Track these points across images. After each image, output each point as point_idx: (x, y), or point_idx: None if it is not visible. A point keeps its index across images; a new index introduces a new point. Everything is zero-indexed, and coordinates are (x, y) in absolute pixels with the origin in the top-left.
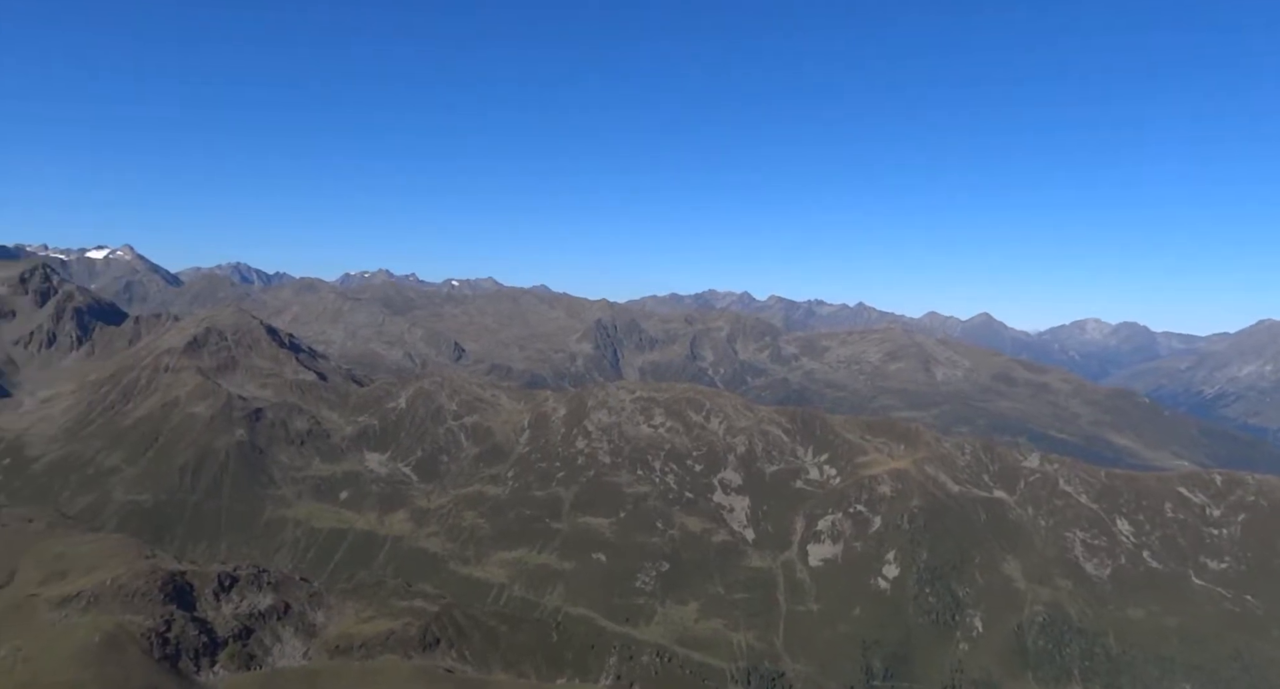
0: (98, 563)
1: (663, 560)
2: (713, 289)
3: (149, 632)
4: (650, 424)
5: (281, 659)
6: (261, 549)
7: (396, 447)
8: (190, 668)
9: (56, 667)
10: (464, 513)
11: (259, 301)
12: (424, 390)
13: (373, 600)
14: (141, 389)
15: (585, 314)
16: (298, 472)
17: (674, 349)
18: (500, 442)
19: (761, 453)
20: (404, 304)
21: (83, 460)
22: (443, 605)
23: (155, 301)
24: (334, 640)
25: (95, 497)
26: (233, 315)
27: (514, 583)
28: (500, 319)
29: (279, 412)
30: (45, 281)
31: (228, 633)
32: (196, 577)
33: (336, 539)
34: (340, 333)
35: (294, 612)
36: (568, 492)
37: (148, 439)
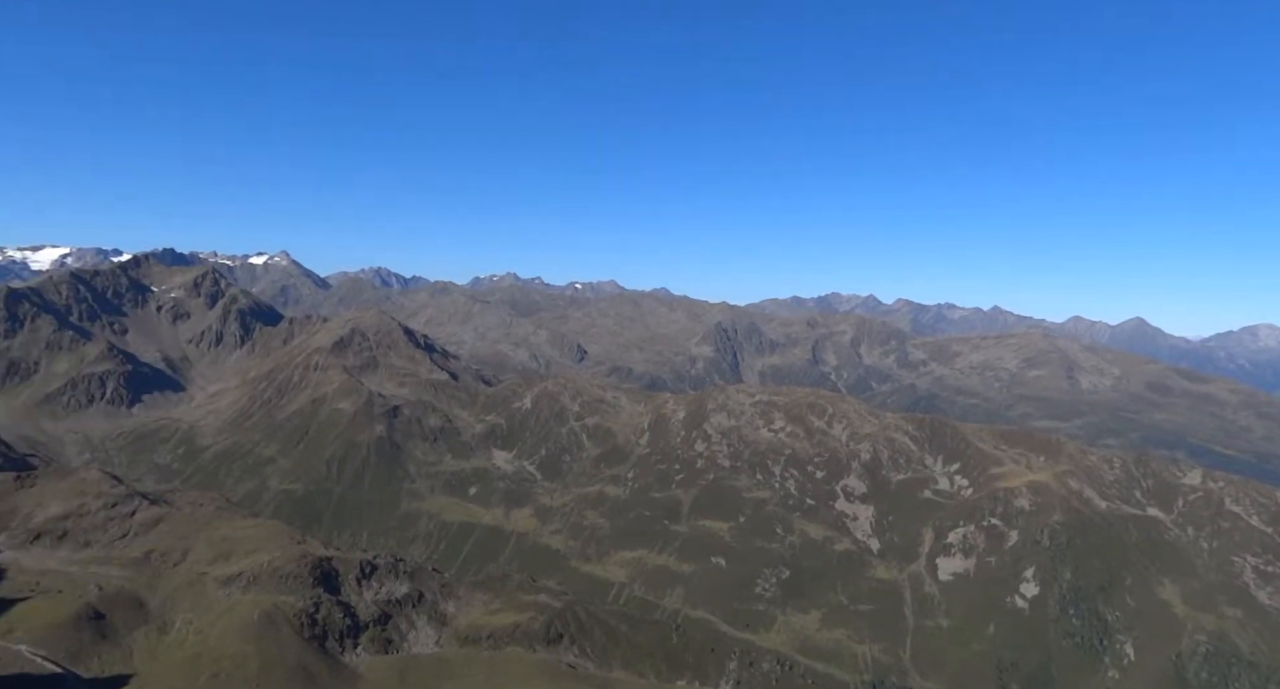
0: (257, 546)
1: (783, 567)
2: (836, 292)
3: (300, 612)
4: (770, 428)
5: (416, 645)
6: (398, 539)
7: (522, 445)
8: (336, 648)
9: (222, 640)
10: (585, 512)
11: (397, 304)
12: (548, 391)
13: (499, 593)
14: (294, 386)
15: (705, 317)
16: (430, 467)
17: (795, 353)
18: (621, 443)
19: (887, 461)
20: (530, 306)
21: (244, 450)
22: (565, 602)
23: (307, 304)
24: (464, 630)
25: (254, 484)
26: (374, 317)
27: (634, 583)
28: (621, 321)
29: (414, 409)
30: (214, 286)
31: (368, 617)
32: (341, 563)
33: (465, 533)
34: (470, 334)
35: (427, 600)
36: (687, 494)
37: (299, 432)
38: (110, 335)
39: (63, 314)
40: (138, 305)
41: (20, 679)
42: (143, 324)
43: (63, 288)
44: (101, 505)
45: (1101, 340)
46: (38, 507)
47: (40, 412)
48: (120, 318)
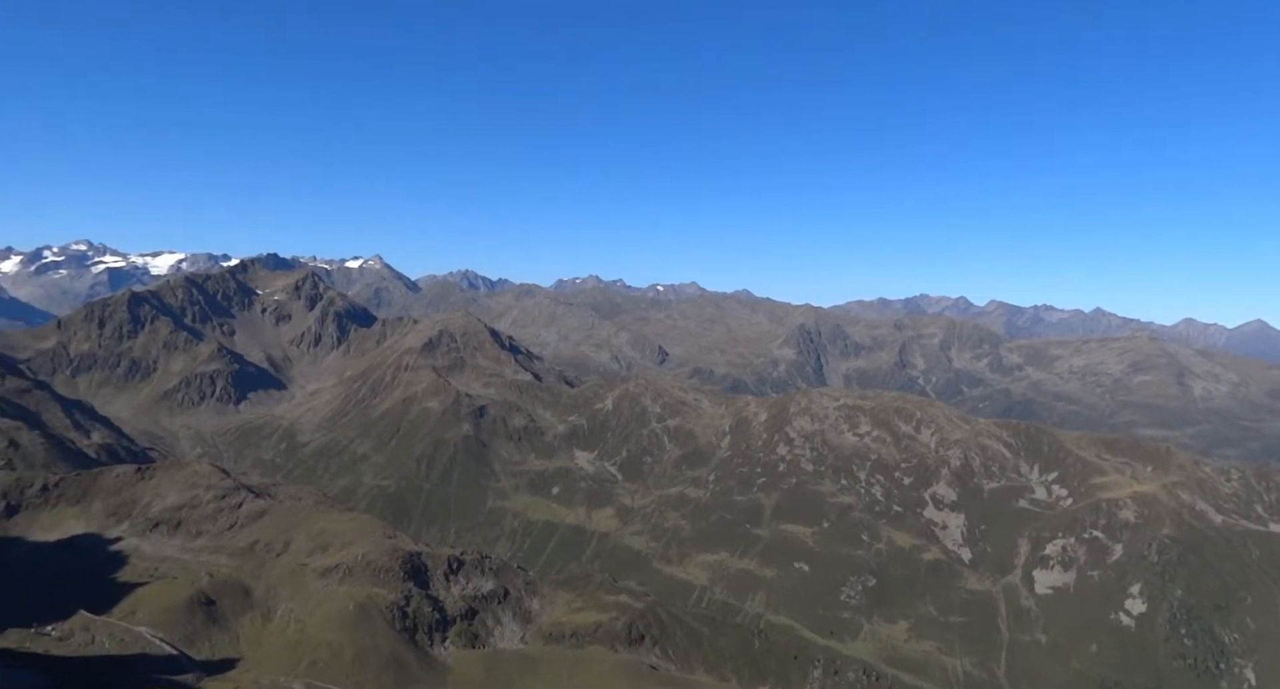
0: (352, 539)
1: (869, 575)
2: (925, 293)
3: (392, 605)
4: (855, 433)
5: (502, 641)
6: (484, 536)
7: (603, 446)
8: (425, 641)
9: (320, 629)
10: (667, 513)
11: (484, 306)
12: (629, 393)
13: (582, 592)
14: (386, 385)
15: (788, 319)
16: (515, 466)
17: (881, 356)
18: (702, 445)
19: (979, 468)
20: (611, 308)
21: (340, 447)
22: (647, 602)
23: (399, 306)
24: (547, 628)
25: (349, 480)
26: (461, 319)
27: (715, 586)
28: (702, 323)
29: (500, 409)
30: (314, 289)
31: (456, 612)
32: (430, 558)
33: (549, 531)
34: (554, 335)
35: (512, 597)
36: (769, 498)
37: (391, 430)
38: (220, 336)
39: (178, 316)
40: (244, 307)
41: (140, 659)
42: (249, 325)
43: (178, 291)
44: (212, 497)
45: (1217, 344)
46: (156, 497)
47: (158, 408)
48: (229, 319)
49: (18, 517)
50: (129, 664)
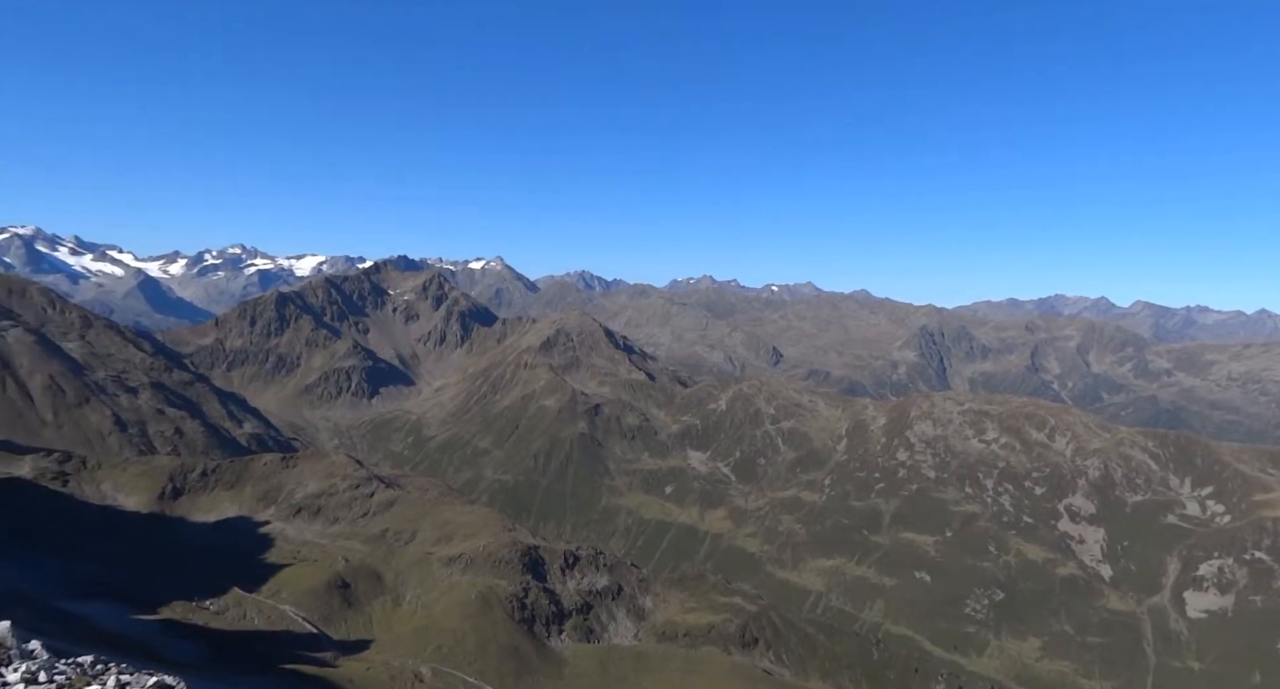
0: (474, 531)
1: (996, 588)
2: (1060, 293)
3: (511, 596)
4: (981, 439)
5: (616, 636)
6: (598, 532)
7: (716, 447)
8: (543, 633)
9: (445, 616)
10: (781, 517)
11: (599, 306)
12: (743, 393)
13: (695, 593)
14: (506, 382)
15: (909, 320)
16: (629, 464)
17: (1010, 359)
18: (817, 448)
19: (1121, 480)
20: (725, 309)
21: (463, 442)
22: (761, 606)
23: (518, 306)
24: (661, 626)
25: (471, 473)
26: (578, 319)
27: (831, 592)
28: (818, 324)
29: (614, 408)
30: (440, 289)
31: (572, 606)
32: (547, 552)
33: (661, 530)
34: (667, 335)
35: (626, 594)
36: (888, 504)
37: (510, 426)
38: (355, 334)
39: (319, 315)
40: (377, 307)
41: (285, 635)
42: (381, 324)
43: (319, 292)
44: (347, 486)
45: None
46: (298, 485)
47: (301, 401)
48: (363, 318)
49: (181, 499)
50: (276, 640)
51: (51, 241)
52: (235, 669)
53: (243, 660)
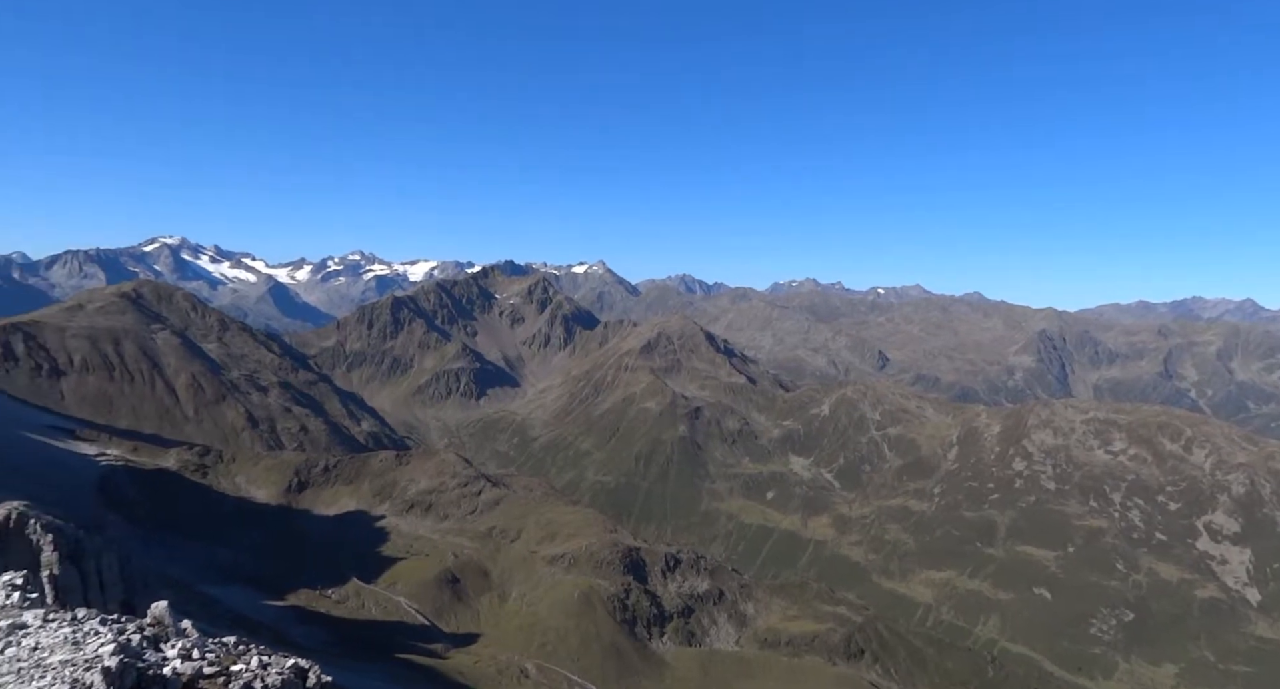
0: (576, 531)
1: (1125, 608)
2: (1198, 296)
3: (613, 597)
4: (1108, 450)
5: (717, 641)
6: (698, 536)
7: (819, 452)
8: (644, 634)
9: (549, 613)
10: (887, 525)
11: (699, 309)
12: (847, 398)
13: (797, 600)
14: (608, 385)
15: (1026, 324)
16: (729, 468)
17: (1141, 365)
18: (925, 455)
19: (1270, 497)
20: (829, 312)
21: (565, 443)
22: (867, 616)
23: (620, 309)
24: (763, 633)
25: (574, 474)
26: (678, 322)
27: (941, 605)
28: (927, 328)
29: (714, 411)
30: (544, 293)
31: (673, 609)
32: (648, 554)
33: (763, 536)
34: (769, 339)
35: (727, 599)
36: (1003, 516)
37: (611, 429)
38: (464, 337)
39: (430, 318)
40: (485, 310)
41: (399, 626)
42: (488, 327)
43: (431, 296)
44: (456, 484)
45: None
46: (411, 482)
47: (413, 401)
48: (471, 321)
49: (306, 492)
50: (391, 629)
51: (195, 250)
52: (355, 656)
53: (362, 648)
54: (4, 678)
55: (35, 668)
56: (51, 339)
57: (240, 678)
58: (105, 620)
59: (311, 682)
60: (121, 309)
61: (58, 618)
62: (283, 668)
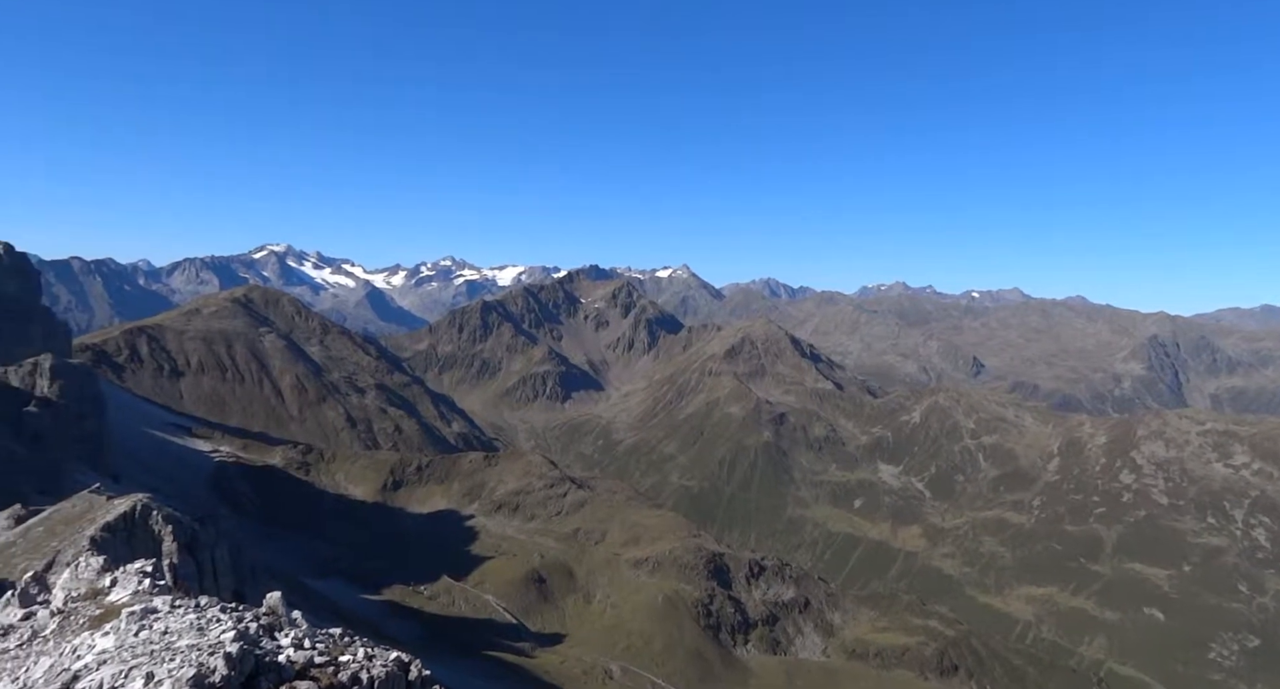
0: (659, 535)
1: (1249, 633)
2: None
3: (697, 602)
4: (1228, 463)
5: (803, 651)
6: (783, 543)
7: (909, 460)
8: (728, 641)
9: (633, 616)
10: (982, 538)
11: (785, 313)
12: (939, 405)
13: (887, 612)
14: (691, 389)
15: (1135, 329)
16: (815, 475)
17: (1265, 374)
18: (1024, 466)
19: None
20: (919, 316)
21: (649, 447)
22: (960, 631)
23: (703, 313)
24: (850, 644)
25: (657, 478)
26: (763, 326)
27: (1041, 622)
28: (1026, 333)
29: (800, 417)
30: (628, 297)
31: (757, 616)
32: (732, 560)
33: (850, 545)
34: (856, 344)
35: (813, 608)
36: (1109, 531)
37: (695, 433)
38: (550, 340)
39: (518, 322)
40: (570, 314)
41: (488, 623)
42: (573, 331)
43: (518, 300)
44: (542, 485)
45: None
46: (499, 482)
47: (501, 403)
48: (557, 325)
49: (400, 491)
50: (480, 627)
51: (299, 257)
52: (447, 651)
53: (453, 644)
54: (139, 658)
55: (165, 650)
56: (171, 341)
57: (348, 668)
58: (225, 608)
59: (413, 675)
60: (233, 313)
61: (183, 604)
62: (386, 660)
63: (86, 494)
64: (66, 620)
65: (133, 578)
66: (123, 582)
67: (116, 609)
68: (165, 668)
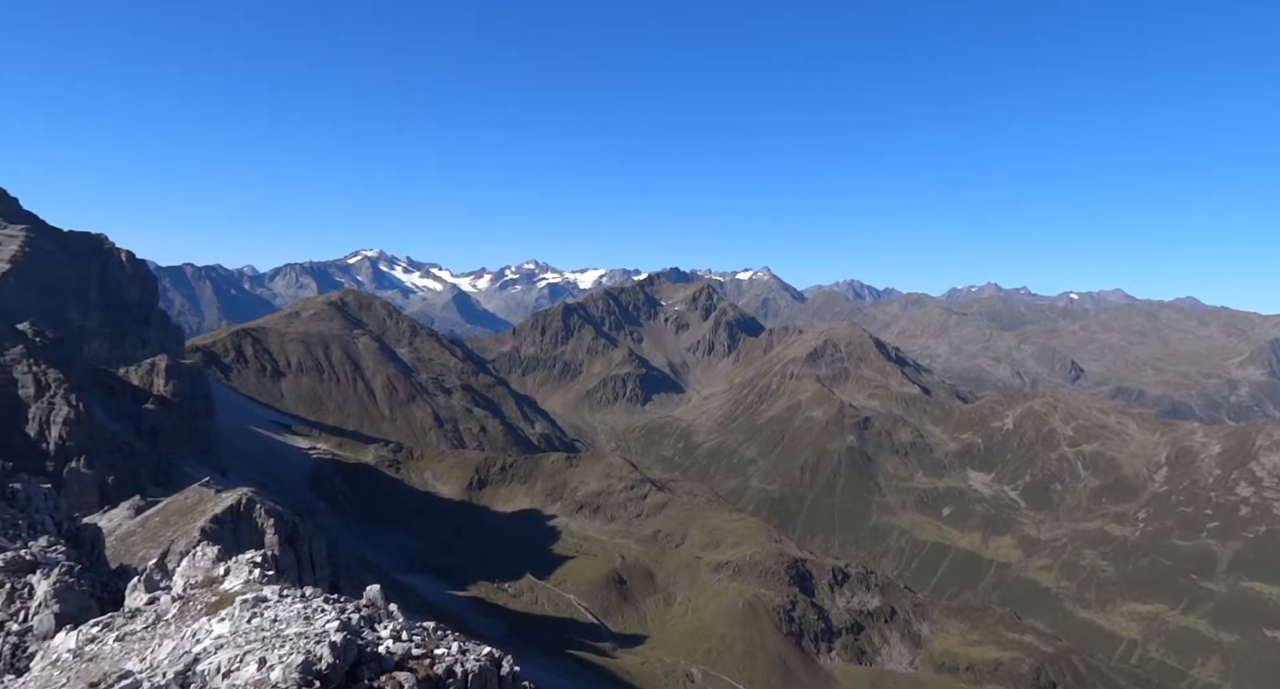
0: (740, 539)
1: None
2: None
3: (778, 608)
4: None
5: (889, 661)
6: (868, 551)
7: (1002, 468)
8: (811, 648)
9: (714, 620)
10: (1082, 550)
11: (869, 316)
12: (1034, 411)
13: (978, 625)
14: (772, 393)
15: (1254, 332)
16: (901, 482)
17: None
18: (1128, 476)
19: None
20: (1013, 319)
21: (729, 450)
22: (1059, 647)
23: (784, 316)
24: (939, 656)
25: (737, 482)
26: (846, 329)
27: (1149, 642)
28: (1129, 336)
29: (885, 422)
30: (709, 300)
31: (841, 624)
32: (815, 566)
33: (938, 554)
34: (944, 347)
35: (900, 618)
36: (1224, 546)
37: (776, 437)
38: (630, 343)
39: (598, 324)
40: (650, 317)
41: (570, 622)
42: (653, 333)
43: (599, 303)
44: (623, 487)
45: None
46: (580, 483)
47: (582, 405)
48: (637, 327)
49: (485, 490)
50: (563, 626)
51: (390, 262)
52: (531, 649)
53: (537, 641)
54: (252, 644)
55: (276, 637)
56: (273, 343)
57: (443, 661)
58: (329, 599)
59: (505, 670)
60: (329, 316)
61: (291, 594)
62: (479, 655)
63: (197, 487)
64: (186, 606)
65: (244, 567)
66: (235, 571)
67: (230, 597)
68: (276, 654)
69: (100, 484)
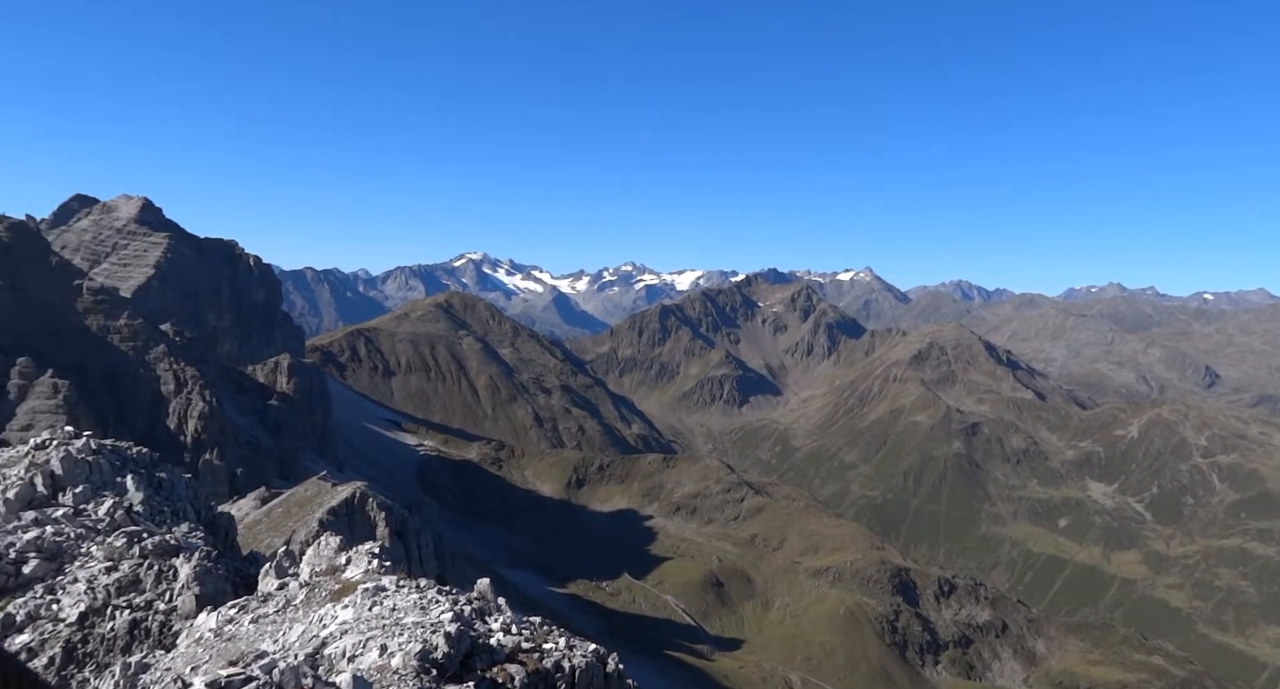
0: (840, 545)
1: None
2: None
3: (880, 617)
4: None
5: (1000, 678)
6: (977, 562)
7: (1125, 479)
8: (915, 660)
9: (813, 627)
10: (1217, 569)
11: (978, 317)
12: (1162, 419)
13: (1100, 643)
14: (874, 396)
15: None
16: (1013, 491)
17: None
18: (1271, 490)
19: None
20: (1138, 321)
21: (829, 454)
22: (1191, 671)
23: (887, 317)
24: (1057, 675)
25: (837, 487)
26: (953, 331)
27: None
28: (1273, 340)
29: (995, 428)
30: (807, 301)
31: (948, 637)
32: (919, 576)
33: (1054, 568)
34: (1061, 351)
35: (1012, 633)
36: None
37: (878, 441)
38: (727, 344)
39: (695, 326)
40: (747, 318)
41: (667, 623)
42: (750, 335)
43: (696, 304)
44: (720, 489)
45: None
46: (677, 484)
47: (679, 406)
48: (734, 329)
49: (583, 489)
50: (660, 626)
51: (493, 264)
52: (629, 648)
53: (633, 640)
54: (374, 631)
55: (395, 626)
56: (384, 343)
57: (551, 656)
58: (442, 591)
59: (610, 668)
60: (436, 318)
61: (407, 585)
62: (585, 651)
63: (315, 480)
64: (312, 592)
65: (364, 558)
66: (355, 560)
67: (352, 585)
68: (396, 641)
69: (230, 475)
